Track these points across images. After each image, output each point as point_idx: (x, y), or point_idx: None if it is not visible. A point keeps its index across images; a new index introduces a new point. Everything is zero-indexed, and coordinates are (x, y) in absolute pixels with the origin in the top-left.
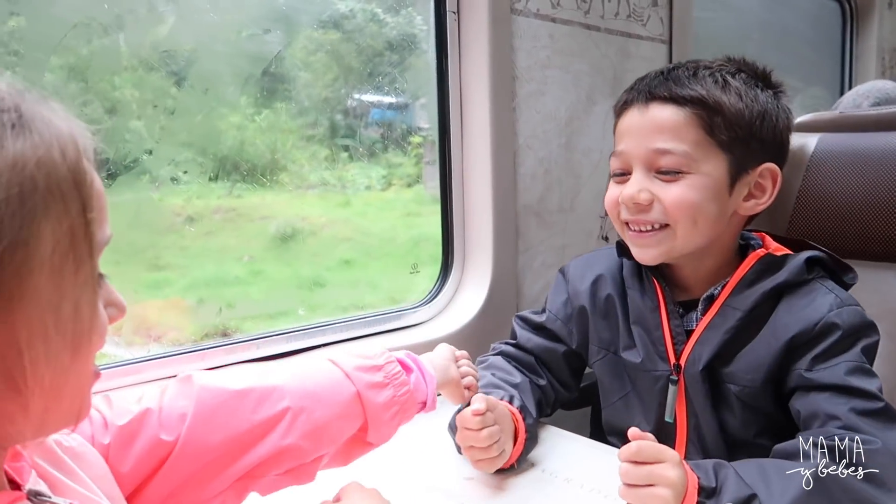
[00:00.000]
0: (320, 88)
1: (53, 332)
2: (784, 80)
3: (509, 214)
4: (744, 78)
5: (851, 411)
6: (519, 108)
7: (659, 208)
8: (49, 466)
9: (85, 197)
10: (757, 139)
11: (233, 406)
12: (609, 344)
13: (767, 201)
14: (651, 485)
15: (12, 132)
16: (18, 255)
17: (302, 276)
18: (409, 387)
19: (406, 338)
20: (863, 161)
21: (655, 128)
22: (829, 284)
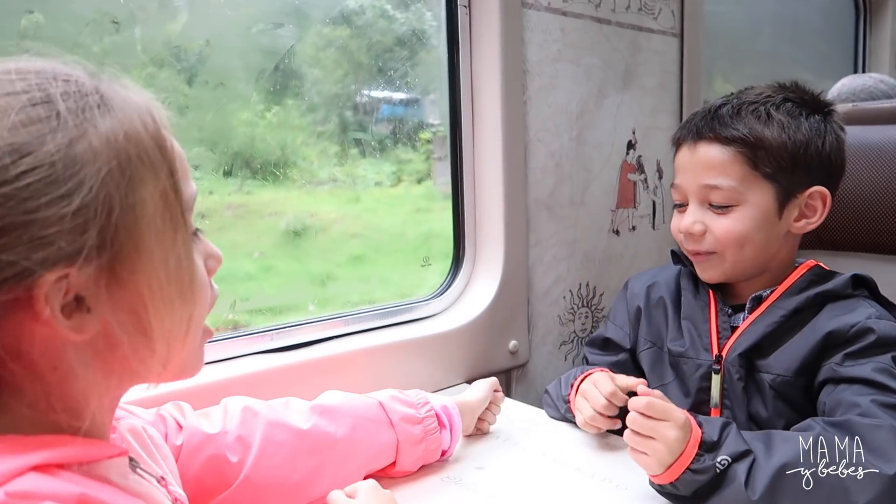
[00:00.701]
0: (330, 85)
1: (166, 284)
2: (796, 74)
3: (520, 208)
4: (788, 108)
5: (873, 402)
6: (530, 101)
7: (711, 238)
8: (137, 446)
9: (169, 161)
10: (802, 166)
11: (294, 446)
12: (656, 338)
13: (818, 220)
14: (652, 437)
15: (99, 112)
16: (129, 219)
17: (312, 272)
18: (438, 444)
19: (417, 330)
20: (876, 154)
21: (704, 165)
22: (872, 302)
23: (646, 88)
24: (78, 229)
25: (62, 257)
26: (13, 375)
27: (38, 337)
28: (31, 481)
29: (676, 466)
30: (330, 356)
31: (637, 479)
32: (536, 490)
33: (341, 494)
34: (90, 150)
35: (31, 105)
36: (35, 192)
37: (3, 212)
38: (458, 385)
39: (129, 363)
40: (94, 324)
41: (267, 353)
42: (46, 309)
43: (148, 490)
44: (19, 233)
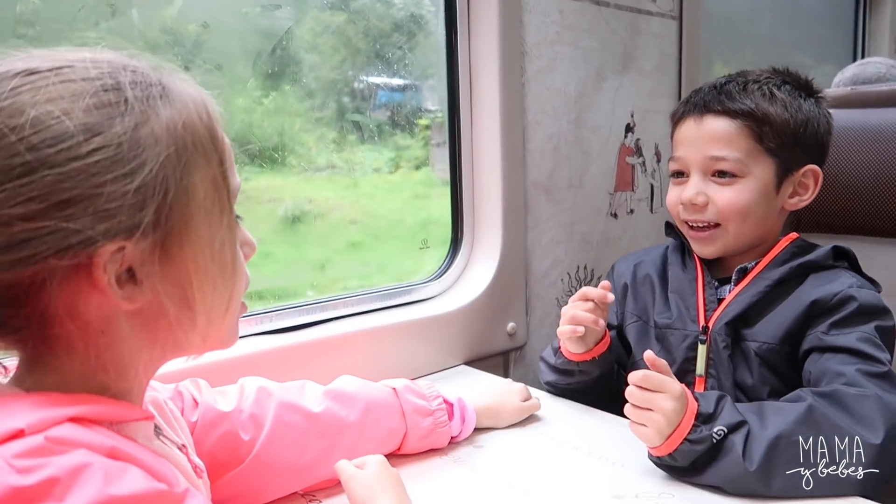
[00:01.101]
0: (328, 70)
1: (210, 263)
2: (796, 58)
3: (518, 191)
4: (788, 89)
5: (858, 371)
6: (528, 84)
7: (713, 209)
8: (159, 417)
9: (220, 151)
10: (801, 144)
11: (305, 428)
12: (642, 313)
13: (810, 197)
14: (650, 409)
15: (161, 101)
16: (182, 201)
17: (310, 258)
18: (447, 435)
19: (416, 312)
20: (874, 137)
21: (711, 137)
22: (852, 273)
23: (644, 71)
24: (137, 206)
25: (122, 230)
26: (69, 334)
27: (92, 302)
28: (68, 430)
29: (674, 437)
30: (329, 337)
31: (633, 457)
32: (535, 468)
33: (350, 465)
34: (152, 135)
35: (104, 91)
36: (102, 169)
37: (74, 184)
38: (456, 366)
39: (172, 333)
40: (143, 295)
41: (266, 334)
42: (104, 277)
43: (171, 454)
44: (86, 204)
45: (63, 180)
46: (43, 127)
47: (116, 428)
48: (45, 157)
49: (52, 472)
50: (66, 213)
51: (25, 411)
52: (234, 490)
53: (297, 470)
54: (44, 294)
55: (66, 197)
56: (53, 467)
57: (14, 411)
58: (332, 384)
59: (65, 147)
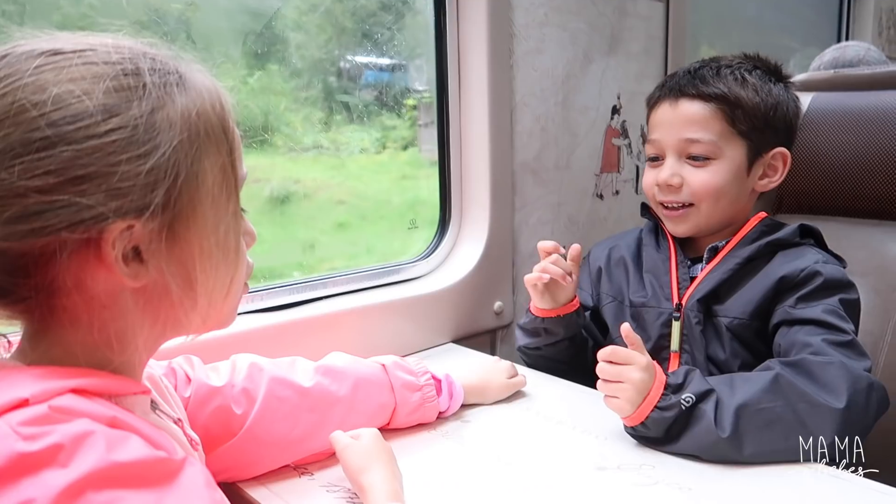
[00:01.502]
0: (314, 50)
1: (215, 247)
2: (781, 41)
3: (506, 171)
4: (759, 74)
5: (823, 341)
6: (516, 65)
7: (687, 190)
8: (155, 392)
9: (230, 141)
10: (771, 127)
11: (296, 402)
12: (617, 293)
13: (779, 179)
14: (620, 381)
15: (178, 89)
16: (192, 186)
17: (298, 238)
18: (435, 409)
19: (404, 291)
20: (856, 120)
21: (686, 120)
22: (818, 249)
23: (631, 54)
24: (149, 187)
25: (132, 209)
26: (74, 306)
27: (99, 276)
28: (70, 400)
29: (644, 406)
30: (318, 316)
31: (616, 431)
32: (521, 442)
33: (345, 436)
34: (167, 120)
35: (124, 75)
36: (118, 149)
37: (90, 161)
38: (444, 344)
39: (174, 312)
40: (147, 274)
41: (256, 312)
42: (112, 253)
43: (167, 427)
44: (100, 181)
45: (80, 157)
46: (64, 104)
47: (115, 401)
48: (64, 134)
49: (56, 438)
50: (81, 188)
51: (29, 382)
52: (228, 462)
53: (288, 443)
54: (53, 266)
55: (82, 173)
56: (58, 434)
57: (18, 382)
58: (323, 360)
59: (83, 125)
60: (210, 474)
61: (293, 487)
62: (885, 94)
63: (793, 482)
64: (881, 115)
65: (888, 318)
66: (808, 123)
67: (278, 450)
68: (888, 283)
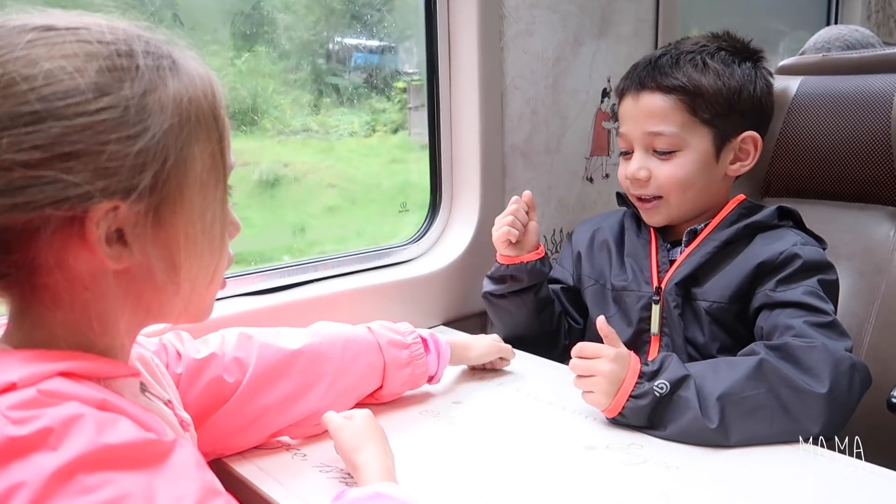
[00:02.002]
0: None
1: (200, 234)
2: (770, 23)
3: (496, 155)
4: (722, 56)
5: (805, 323)
6: (507, 48)
7: (655, 183)
8: (146, 373)
9: (220, 129)
10: (736, 111)
11: (287, 363)
12: (599, 276)
13: (751, 163)
14: (592, 375)
15: (171, 74)
16: (180, 171)
17: (287, 222)
18: (425, 368)
19: (395, 274)
20: (843, 103)
21: (647, 114)
22: (797, 231)
23: (621, 36)
24: (137, 168)
25: (119, 190)
26: (55, 285)
27: (81, 256)
28: (59, 383)
29: (620, 396)
30: (309, 299)
31: None
32: (510, 422)
33: (338, 416)
34: (158, 103)
35: (117, 55)
36: (108, 128)
37: (78, 139)
38: (435, 327)
39: (156, 297)
40: (131, 256)
41: (247, 295)
42: (95, 233)
43: (157, 409)
44: (87, 160)
45: (68, 133)
46: (55, 80)
47: (104, 383)
48: (54, 109)
49: (46, 422)
50: (68, 165)
51: (17, 366)
52: (221, 430)
53: (281, 404)
54: (35, 243)
55: (70, 150)
56: (47, 418)
57: (5, 365)
58: (309, 327)
59: (74, 102)
60: (201, 455)
61: (285, 467)
62: (872, 77)
63: (781, 461)
64: (869, 99)
65: (873, 299)
66: (796, 107)
67: (271, 413)
68: (873, 265)
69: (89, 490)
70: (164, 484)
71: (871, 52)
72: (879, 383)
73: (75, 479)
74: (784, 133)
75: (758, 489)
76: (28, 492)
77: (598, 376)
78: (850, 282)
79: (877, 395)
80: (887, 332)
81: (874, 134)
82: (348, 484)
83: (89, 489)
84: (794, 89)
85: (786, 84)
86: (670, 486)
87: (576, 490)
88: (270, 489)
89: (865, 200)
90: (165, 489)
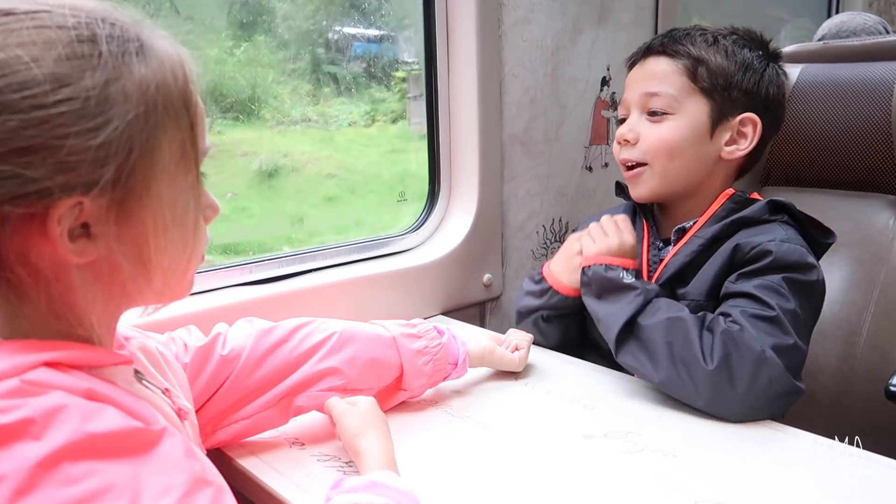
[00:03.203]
0: (301, 21)
1: (171, 225)
2: (771, 11)
3: (495, 143)
4: (734, 39)
5: (743, 313)
6: (505, 35)
7: (642, 146)
8: (148, 363)
9: (192, 115)
10: (739, 88)
11: (288, 334)
12: None
13: (748, 147)
14: (606, 235)
15: (137, 59)
16: (146, 162)
17: (286, 212)
18: (440, 342)
19: (394, 263)
20: (844, 91)
21: (649, 75)
22: (787, 227)
23: (621, 24)
24: (99, 162)
25: (80, 185)
26: (20, 280)
27: (44, 251)
28: (43, 374)
29: (599, 258)
30: (307, 288)
31: (603, 400)
32: (509, 410)
33: (342, 401)
34: (122, 92)
35: (78, 42)
36: (67, 121)
37: (36, 133)
38: (433, 317)
39: (126, 289)
40: (95, 250)
41: (246, 285)
42: (57, 230)
43: (151, 397)
44: (46, 154)
45: (25, 127)
46: (10, 71)
47: (95, 372)
48: (9, 102)
49: (27, 412)
50: (25, 160)
51: (1, 357)
52: (228, 400)
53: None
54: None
55: (26, 144)
56: (29, 408)
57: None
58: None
59: (30, 94)
60: (191, 445)
61: (284, 457)
62: (872, 65)
63: (778, 450)
64: (869, 87)
65: (872, 288)
66: (797, 95)
67: (275, 372)
68: (873, 253)
69: (74, 480)
70: (150, 474)
71: (871, 40)
72: (878, 371)
73: (59, 469)
74: (785, 120)
75: (755, 477)
76: (11, 482)
77: (610, 236)
78: (850, 270)
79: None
80: (886, 320)
81: (874, 122)
82: (346, 473)
83: (74, 479)
84: (795, 77)
85: (786, 71)
86: (668, 474)
87: (574, 478)
88: (269, 479)
89: (865, 189)
90: (152, 479)
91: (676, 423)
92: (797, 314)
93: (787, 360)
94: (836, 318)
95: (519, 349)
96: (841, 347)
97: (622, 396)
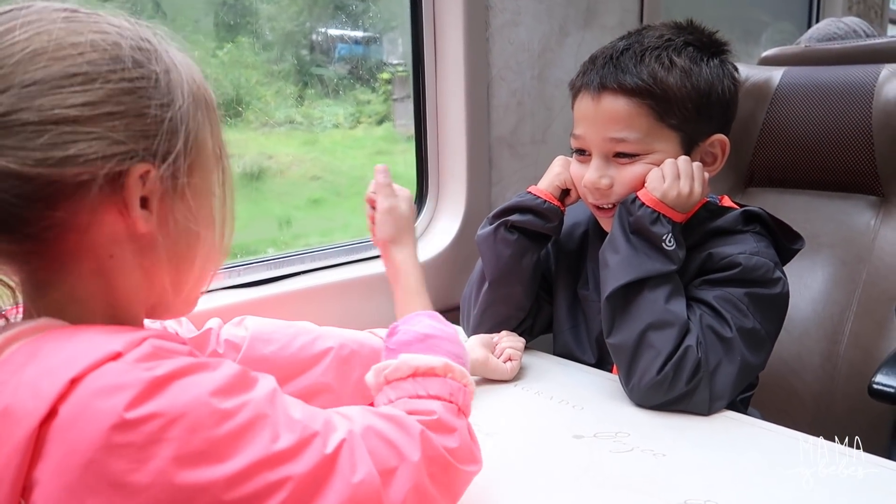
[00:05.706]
0: (284, 22)
1: (216, 211)
2: (753, 15)
3: (483, 146)
4: (689, 53)
5: (701, 320)
6: (492, 38)
7: (618, 189)
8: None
9: (216, 115)
10: (705, 115)
11: (285, 335)
12: (568, 283)
13: (718, 167)
14: (679, 176)
15: (174, 59)
16: (200, 147)
17: (271, 215)
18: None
19: (380, 266)
20: (825, 94)
21: (609, 118)
22: (759, 238)
23: (606, 27)
24: (170, 134)
25: (156, 154)
26: (79, 247)
27: (105, 221)
28: (160, 342)
29: (657, 203)
30: (295, 291)
31: (592, 401)
32: (498, 410)
33: (385, 199)
34: (178, 81)
35: (140, 37)
36: (147, 94)
37: (124, 100)
38: None
39: (167, 275)
40: (152, 223)
41: (233, 288)
42: (134, 192)
43: None
44: (130, 121)
45: (114, 94)
46: (100, 48)
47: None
48: (102, 72)
49: (170, 367)
50: (113, 123)
51: (102, 339)
52: None
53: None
54: (79, 199)
55: (115, 110)
56: (170, 365)
57: (89, 339)
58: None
59: (118, 68)
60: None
61: None
62: (853, 68)
63: (768, 449)
64: (850, 90)
65: (854, 287)
66: (779, 98)
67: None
68: (855, 254)
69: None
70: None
71: (852, 43)
72: (861, 370)
73: (230, 396)
74: (767, 123)
75: (745, 476)
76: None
77: (679, 181)
78: (832, 270)
79: (859, 381)
80: (868, 318)
81: (856, 124)
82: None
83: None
84: (777, 80)
85: (769, 74)
86: (657, 473)
87: (564, 478)
88: None
89: (847, 190)
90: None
91: (665, 423)
92: (754, 331)
93: (733, 378)
94: (820, 317)
95: (512, 360)
96: (824, 346)
97: (612, 397)
